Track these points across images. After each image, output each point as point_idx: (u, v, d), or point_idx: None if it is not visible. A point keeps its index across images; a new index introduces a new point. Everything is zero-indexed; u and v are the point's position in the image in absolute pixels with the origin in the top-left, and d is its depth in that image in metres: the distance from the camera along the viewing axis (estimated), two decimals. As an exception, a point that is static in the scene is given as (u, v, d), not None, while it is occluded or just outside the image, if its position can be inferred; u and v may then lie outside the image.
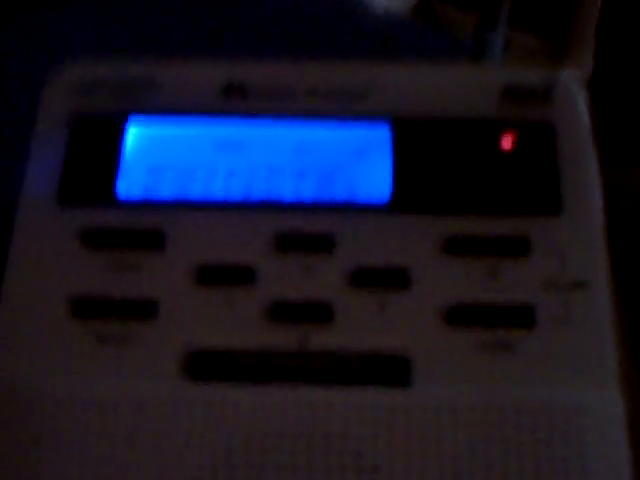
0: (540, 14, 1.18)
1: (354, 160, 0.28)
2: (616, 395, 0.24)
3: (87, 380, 0.25)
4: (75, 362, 0.25)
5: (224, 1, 0.42)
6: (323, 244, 0.26)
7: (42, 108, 0.29)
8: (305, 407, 0.24)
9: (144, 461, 0.24)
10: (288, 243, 0.26)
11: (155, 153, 0.28)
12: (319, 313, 0.25)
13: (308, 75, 0.29)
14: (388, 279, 0.26)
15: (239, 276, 0.26)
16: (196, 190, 0.27)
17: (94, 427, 0.24)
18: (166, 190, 0.28)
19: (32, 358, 0.25)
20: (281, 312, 0.25)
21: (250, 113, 0.28)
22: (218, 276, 0.26)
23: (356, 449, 0.24)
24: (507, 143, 0.27)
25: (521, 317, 0.25)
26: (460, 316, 0.25)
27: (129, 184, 0.28)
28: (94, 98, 0.29)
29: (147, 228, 0.27)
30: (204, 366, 0.25)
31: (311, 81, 0.29)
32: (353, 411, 0.24)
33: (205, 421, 0.24)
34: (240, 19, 0.41)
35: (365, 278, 0.26)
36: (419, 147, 0.28)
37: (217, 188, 0.27)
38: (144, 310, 0.26)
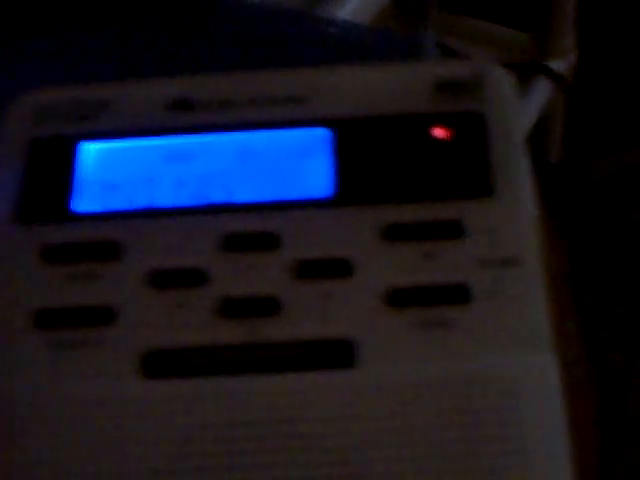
0: (521, 8, 1.20)
1: (297, 161, 0.29)
2: (549, 359, 0.26)
3: (50, 382, 0.26)
4: (38, 368, 0.26)
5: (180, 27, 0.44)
6: (269, 242, 0.28)
7: (2, 135, 0.31)
8: (256, 395, 0.26)
9: (106, 455, 0.25)
10: (235, 243, 0.28)
11: (107, 169, 0.30)
12: (266, 307, 0.27)
13: (249, 85, 0.30)
14: (331, 269, 0.27)
15: (190, 278, 0.27)
16: (147, 200, 0.29)
17: (58, 425, 0.26)
18: (119, 203, 0.29)
19: (-2, 367, 0.27)
20: (230, 308, 0.27)
21: (196, 125, 0.30)
22: (171, 280, 0.27)
23: (305, 431, 0.25)
24: (440, 134, 0.29)
25: (457, 295, 0.26)
26: (400, 298, 0.26)
27: (83, 200, 0.29)
28: (48, 122, 0.30)
29: (102, 239, 0.28)
30: (160, 364, 0.26)
31: (252, 91, 0.30)
32: (301, 395, 0.25)
33: (163, 415, 0.26)
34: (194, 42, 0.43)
35: (309, 270, 0.27)
36: (358, 144, 0.29)
37: (167, 197, 0.29)
38: (102, 316, 0.27)
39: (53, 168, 0.30)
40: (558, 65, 1.15)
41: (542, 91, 1.14)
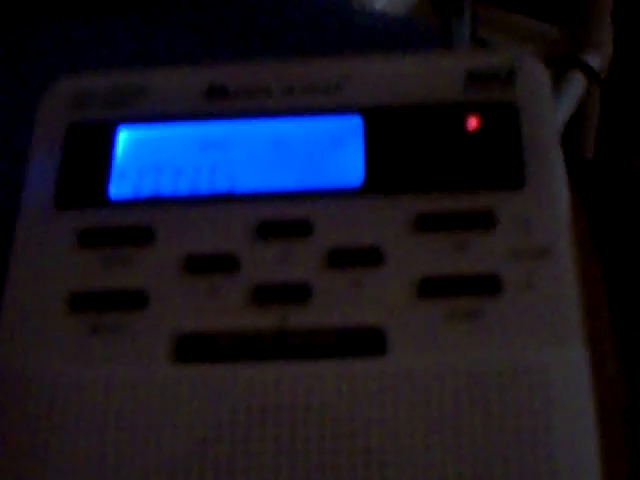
0: (557, 3, 1.19)
1: (329, 149, 0.29)
2: (580, 353, 0.26)
3: (84, 366, 0.27)
4: (73, 350, 0.27)
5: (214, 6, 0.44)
6: (301, 229, 0.28)
7: (39, 119, 0.31)
8: (285, 382, 0.26)
9: (139, 437, 0.26)
10: (268, 230, 0.28)
11: (144, 155, 0.30)
12: (297, 293, 0.27)
13: (283, 74, 0.31)
14: (362, 258, 0.27)
15: (223, 264, 0.28)
16: (182, 187, 0.29)
17: (92, 407, 0.26)
18: (154, 189, 0.29)
19: (34, 348, 0.27)
20: (262, 295, 0.27)
21: (231, 113, 0.30)
22: (204, 265, 0.28)
23: (336, 417, 0.25)
24: (472, 124, 0.29)
25: (488, 285, 0.26)
26: (431, 288, 0.27)
27: (120, 185, 0.29)
28: (86, 108, 0.31)
29: (137, 225, 0.29)
30: (192, 349, 0.27)
31: (286, 79, 0.30)
32: (332, 382, 0.26)
33: (194, 399, 0.26)
34: (229, 21, 0.43)
35: (340, 258, 0.27)
36: (390, 133, 0.29)
37: (202, 184, 0.29)
38: (136, 300, 0.27)
39: (90, 153, 0.30)
40: (593, 59, 1.14)
41: (577, 85, 1.13)
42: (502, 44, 1.08)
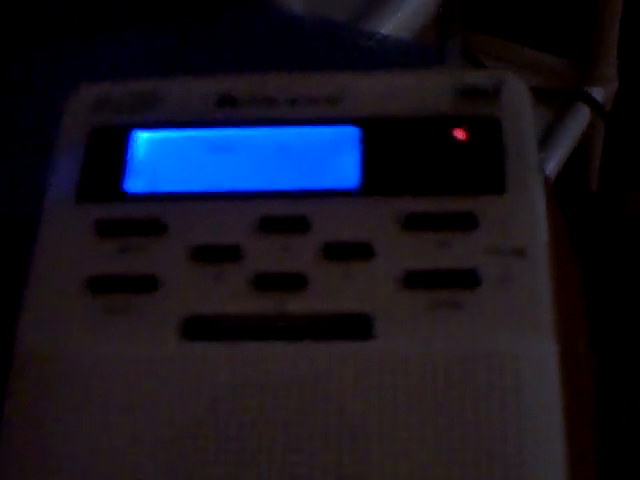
0: (564, 36, 1.22)
1: (328, 155, 0.32)
2: (549, 342, 0.28)
3: (100, 342, 0.29)
4: (90, 328, 0.30)
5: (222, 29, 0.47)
6: (299, 225, 0.31)
7: (62, 123, 0.34)
8: (282, 360, 0.28)
9: (150, 408, 0.28)
10: (269, 225, 0.31)
11: (157, 156, 0.33)
12: (295, 282, 0.30)
13: (288, 86, 0.34)
14: (354, 252, 0.30)
15: (228, 254, 0.30)
16: (192, 185, 0.32)
17: (107, 380, 0.29)
18: (166, 186, 0.32)
19: (55, 326, 0.30)
20: (262, 282, 0.30)
21: (239, 120, 0.33)
22: (210, 254, 0.30)
23: (325, 393, 0.28)
24: (459, 135, 0.32)
25: (467, 279, 0.29)
26: (415, 280, 0.29)
27: (135, 182, 0.32)
28: (105, 112, 0.34)
29: (150, 217, 0.31)
30: (198, 328, 0.29)
31: (290, 91, 0.33)
32: (323, 362, 0.28)
33: (199, 373, 0.29)
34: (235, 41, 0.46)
35: (334, 251, 0.30)
36: (384, 142, 0.32)
37: (209, 182, 0.32)
38: (148, 284, 0.30)
39: (109, 154, 0.33)
40: (598, 93, 1.17)
41: (581, 118, 1.16)
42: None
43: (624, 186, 1.22)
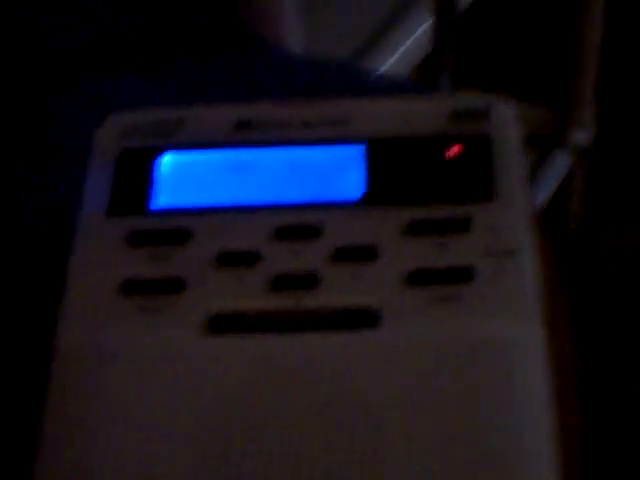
0: (544, 84, 1.26)
1: (336, 170, 0.36)
2: (537, 330, 0.32)
3: (133, 338, 0.33)
4: (123, 326, 0.33)
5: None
6: (312, 232, 0.34)
7: (95, 145, 0.38)
8: (300, 350, 0.32)
9: (178, 398, 0.31)
10: (285, 233, 0.34)
11: (182, 175, 0.36)
12: (308, 281, 0.33)
13: (300, 110, 0.37)
14: (361, 254, 0.33)
15: (248, 258, 0.34)
16: (213, 199, 0.36)
17: (140, 373, 0.32)
18: (190, 201, 0.36)
19: (92, 325, 0.33)
20: (280, 282, 0.33)
21: (255, 141, 0.37)
22: (231, 259, 0.34)
23: (338, 377, 0.31)
24: (454, 151, 0.35)
25: (464, 275, 0.33)
26: (417, 278, 0.33)
27: (161, 198, 0.36)
28: (133, 137, 0.37)
29: (176, 228, 0.35)
30: (223, 323, 0.32)
31: (302, 115, 0.37)
32: (336, 350, 0.32)
33: (225, 364, 0.32)
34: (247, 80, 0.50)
35: (344, 254, 0.33)
36: (387, 158, 0.36)
37: (230, 197, 0.36)
38: (175, 286, 0.33)
39: (137, 174, 0.36)
40: (579, 137, 1.21)
41: (562, 163, 1.20)
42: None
43: (602, 227, 1.26)
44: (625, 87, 1.37)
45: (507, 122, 0.36)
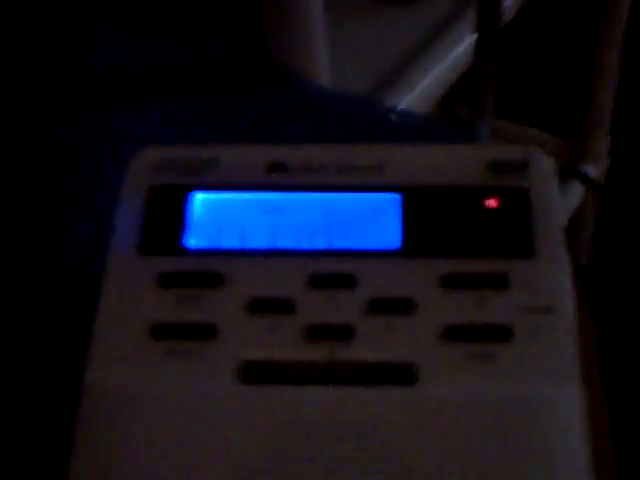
0: (558, 115, 1.26)
1: (372, 219, 0.35)
2: (577, 390, 0.31)
3: (162, 384, 0.32)
4: (153, 371, 0.32)
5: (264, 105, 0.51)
6: (347, 281, 0.33)
7: (126, 182, 0.37)
8: (333, 404, 0.31)
9: (207, 446, 0.31)
10: (320, 281, 0.34)
11: (214, 215, 0.36)
12: (343, 333, 0.32)
13: (333, 155, 0.37)
14: (397, 307, 0.33)
15: (282, 306, 0.33)
16: (246, 242, 0.35)
17: (168, 419, 0.31)
18: (222, 243, 0.35)
19: (120, 368, 0.32)
20: (314, 332, 0.32)
21: (288, 185, 0.36)
22: (265, 306, 0.33)
23: (372, 433, 0.31)
24: (492, 204, 0.35)
25: (501, 334, 0.32)
26: (454, 334, 0.32)
27: (194, 239, 0.35)
28: (165, 173, 0.37)
29: (208, 271, 0.34)
30: (255, 373, 0.32)
31: (336, 159, 0.37)
32: (371, 405, 0.31)
33: (256, 414, 0.31)
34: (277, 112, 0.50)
35: (380, 306, 0.33)
36: (424, 208, 0.35)
37: (263, 240, 0.35)
38: (207, 332, 0.33)
39: (169, 211, 0.36)
40: (591, 170, 1.21)
41: (575, 194, 1.20)
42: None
43: (616, 259, 1.26)
44: (638, 121, 1.37)
45: (546, 175, 0.36)
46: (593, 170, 1.21)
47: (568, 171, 1.19)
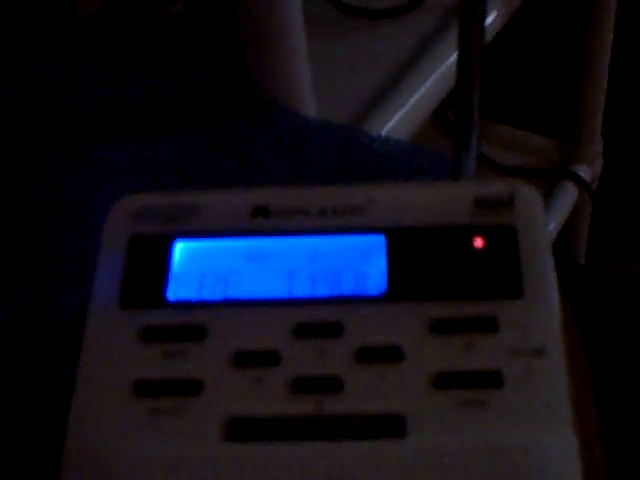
0: (551, 117, 1.26)
1: (357, 262, 0.35)
2: (569, 437, 0.30)
3: (145, 444, 0.31)
4: (135, 430, 0.31)
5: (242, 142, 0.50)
6: (333, 330, 0.33)
7: (105, 231, 0.36)
8: (320, 459, 0.30)
9: None
10: (305, 331, 0.33)
11: (197, 264, 0.35)
12: (330, 385, 0.32)
13: (316, 197, 0.36)
14: (385, 355, 0.32)
15: (266, 359, 0.32)
16: (230, 292, 0.34)
17: (153, 480, 0.31)
18: (206, 293, 0.34)
19: (101, 428, 0.32)
20: (300, 385, 0.32)
21: (272, 229, 0.35)
22: (249, 359, 0.32)
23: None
24: (478, 243, 0.34)
25: (491, 380, 0.31)
26: (444, 381, 0.31)
27: (176, 289, 0.34)
28: (146, 222, 0.36)
29: (192, 324, 0.33)
30: (241, 430, 0.31)
31: (319, 202, 0.36)
32: (360, 460, 0.30)
33: (243, 473, 0.30)
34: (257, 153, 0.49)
35: (367, 355, 0.32)
36: (408, 250, 0.34)
37: (247, 290, 0.34)
38: (191, 388, 0.32)
39: (150, 261, 0.35)
40: (585, 171, 1.21)
41: (569, 195, 1.19)
42: (499, 156, 1.14)
43: (609, 257, 1.25)
44: (630, 122, 1.36)
45: (532, 211, 0.35)
46: (586, 171, 1.21)
47: (562, 172, 1.19)
